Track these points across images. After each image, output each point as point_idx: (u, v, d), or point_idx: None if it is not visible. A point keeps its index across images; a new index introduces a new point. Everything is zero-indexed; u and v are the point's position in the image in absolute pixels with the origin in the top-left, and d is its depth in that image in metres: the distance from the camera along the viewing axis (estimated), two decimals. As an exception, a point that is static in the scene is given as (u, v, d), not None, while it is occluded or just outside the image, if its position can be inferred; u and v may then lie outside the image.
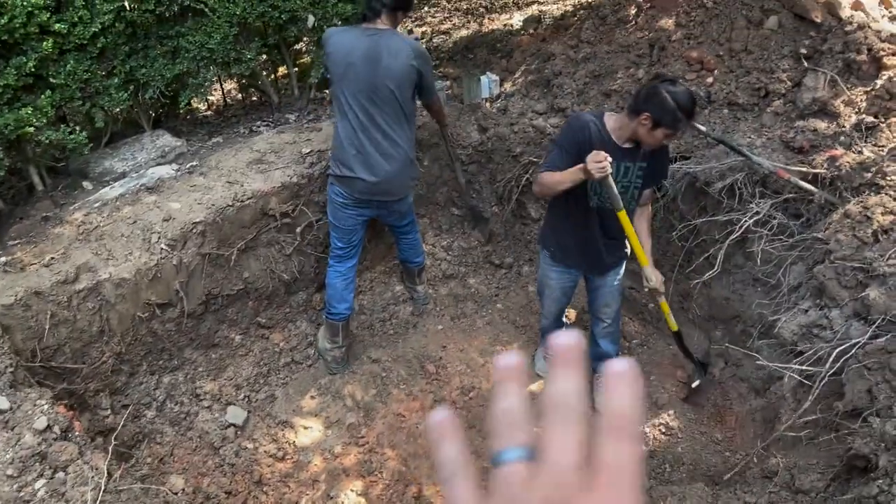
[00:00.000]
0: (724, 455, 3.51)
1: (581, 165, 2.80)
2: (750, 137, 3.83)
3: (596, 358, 3.87)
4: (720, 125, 3.98)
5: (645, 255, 3.22)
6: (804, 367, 2.97)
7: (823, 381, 2.85)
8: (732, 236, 3.55)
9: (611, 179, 2.85)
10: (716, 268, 3.60)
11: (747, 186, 3.63)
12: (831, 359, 2.85)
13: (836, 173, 3.40)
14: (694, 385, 3.81)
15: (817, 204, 3.44)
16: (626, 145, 2.98)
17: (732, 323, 3.87)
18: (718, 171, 3.71)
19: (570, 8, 5.83)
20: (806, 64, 3.90)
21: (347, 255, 3.88)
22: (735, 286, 3.87)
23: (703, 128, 3.77)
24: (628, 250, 3.43)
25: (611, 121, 3.01)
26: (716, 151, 3.84)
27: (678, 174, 3.85)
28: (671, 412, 3.73)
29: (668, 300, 4.13)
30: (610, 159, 2.76)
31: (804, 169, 3.47)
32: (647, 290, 3.38)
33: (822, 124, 3.66)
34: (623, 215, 2.99)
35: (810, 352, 3.00)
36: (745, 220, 3.50)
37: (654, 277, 3.27)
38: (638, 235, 3.18)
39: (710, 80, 4.15)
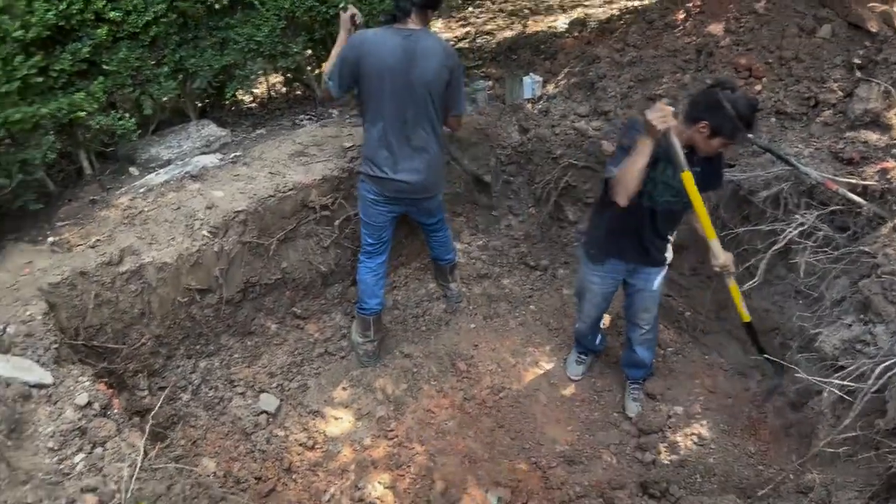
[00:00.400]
0: (757, 469, 3.44)
1: (642, 131, 2.71)
2: (797, 147, 3.76)
3: (631, 364, 3.84)
4: (767, 134, 3.91)
5: (712, 228, 3.01)
6: (845, 383, 2.90)
7: (865, 398, 2.78)
8: (775, 247, 3.49)
9: (673, 135, 2.73)
10: (756, 278, 3.54)
11: (793, 196, 3.57)
12: (874, 375, 2.78)
13: (886, 186, 3.32)
14: (773, 386, 3.60)
15: (865, 217, 3.36)
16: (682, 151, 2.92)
17: (771, 335, 3.79)
18: (764, 180, 3.64)
19: (616, 12, 5.78)
20: (859, 74, 3.81)
21: (377, 252, 3.91)
22: (775, 298, 3.80)
23: (749, 135, 3.70)
24: (669, 255, 3.39)
25: None
26: (761, 160, 3.78)
27: (721, 182, 3.80)
28: (704, 422, 3.67)
29: (707, 306, 4.10)
30: (672, 110, 2.66)
31: (853, 180, 3.40)
32: (716, 268, 3.10)
33: (873, 136, 3.58)
34: (687, 176, 2.81)
35: (852, 367, 2.92)
36: (790, 231, 3.43)
37: (722, 254, 3.05)
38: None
39: (758, 87, 4.08)
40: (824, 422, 3.13)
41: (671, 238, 3.35)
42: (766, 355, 3.52)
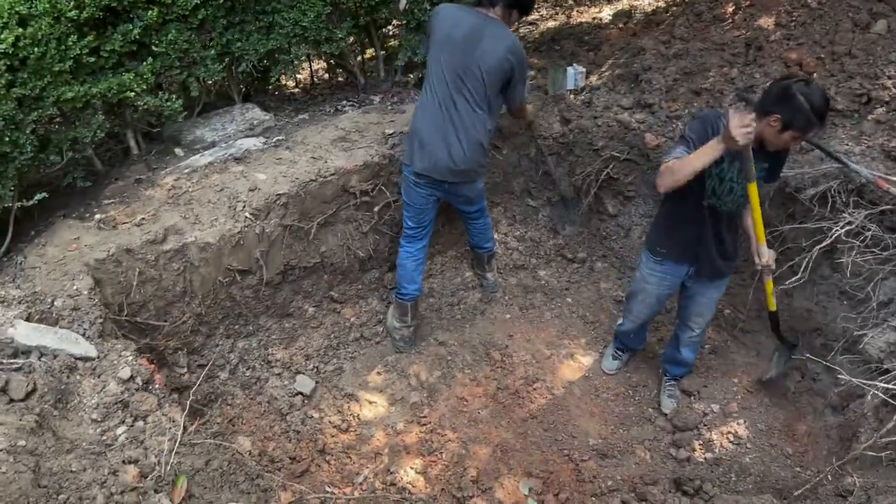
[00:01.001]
0: (795, 470, 3.38)
1: (719, 137, 2.63)
2: (847, 145, 3.66)
3: (672, 362, 3.80)
4: (816, 130, 3.82)
5: (763, 233, 3.06)
6: (890, 386, 2.84)
7: (911, 402, 2.72)
8: (821, 245, 3.42)
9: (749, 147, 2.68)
10: (800, 277, 3.47)
11: (841, 195, 3.48)
12: (921, 379, 2.72)
13: (940, 187, 3.23)
14: (769, 376, 3.69)
15: (917, 218, 3.27)
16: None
17: (813, 335, 3.73)
18: (811, 177, 3.57)
19: (662, 4, 5.69)
20: (915, 71, 3.70)
21: (418, 236, 3.93)
22: (819, 297, 3.72)
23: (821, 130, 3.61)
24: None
25: None
26: (809, 157, 3.70)
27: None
28: (741, 421, 3.62)
29: (748, 305, 4.04)
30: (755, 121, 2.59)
31: (905, 180, 3.31)
32: (758, 267, 3.15)
33: (928, 135, 3.48)
34: (753, 188, 2.81)
35: (898, 370, 2.86)
36: (837, 230, 3.36)
37: (766, 253, 3.09)
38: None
39: (808, 82, 3.99)
40: (866, 425, 3.08)
41: (737, 244, 3.29)
42: (783, 340, 3.63)
